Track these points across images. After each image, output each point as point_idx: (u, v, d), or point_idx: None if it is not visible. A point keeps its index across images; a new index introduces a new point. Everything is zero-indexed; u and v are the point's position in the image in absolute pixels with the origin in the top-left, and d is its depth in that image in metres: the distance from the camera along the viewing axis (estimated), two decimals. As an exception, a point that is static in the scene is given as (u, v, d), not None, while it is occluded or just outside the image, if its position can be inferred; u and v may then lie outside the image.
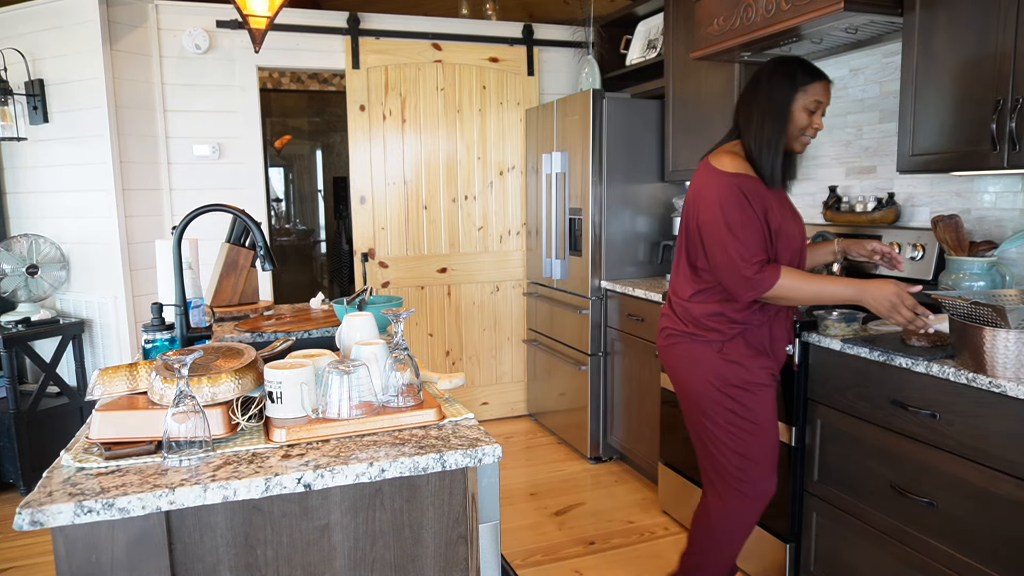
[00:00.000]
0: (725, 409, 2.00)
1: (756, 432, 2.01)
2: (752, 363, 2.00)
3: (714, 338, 2.00)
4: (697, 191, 1.99)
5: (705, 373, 2.01)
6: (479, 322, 4.40)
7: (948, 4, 2.05)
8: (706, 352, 2.01)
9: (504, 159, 4.33)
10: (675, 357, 2.08)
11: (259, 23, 3.03)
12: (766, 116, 1.94)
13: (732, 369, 1.99)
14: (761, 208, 1.90)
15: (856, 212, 2.76)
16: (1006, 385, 1.62)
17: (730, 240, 1.88)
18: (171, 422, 1.18)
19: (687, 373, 2.05)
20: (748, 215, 1.89)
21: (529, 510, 3.20)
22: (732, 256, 1.88)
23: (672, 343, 2.09)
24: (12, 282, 3.48)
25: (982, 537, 1.73)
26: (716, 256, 1.92)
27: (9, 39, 3.56)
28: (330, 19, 3.97)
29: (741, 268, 1.87)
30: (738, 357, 1.99)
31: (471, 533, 1.30)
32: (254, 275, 2.72)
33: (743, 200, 1.89)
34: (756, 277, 1.87)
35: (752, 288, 1.88)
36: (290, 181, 8.65)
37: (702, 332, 2.02)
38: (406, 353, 1.44)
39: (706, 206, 1.94)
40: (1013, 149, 1.88)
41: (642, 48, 3.85)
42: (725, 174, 1.92)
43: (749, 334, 2.01)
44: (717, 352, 2.00)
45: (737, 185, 1.90)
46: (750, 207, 1.89)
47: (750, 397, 2.00)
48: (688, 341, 2.04)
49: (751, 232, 1.88)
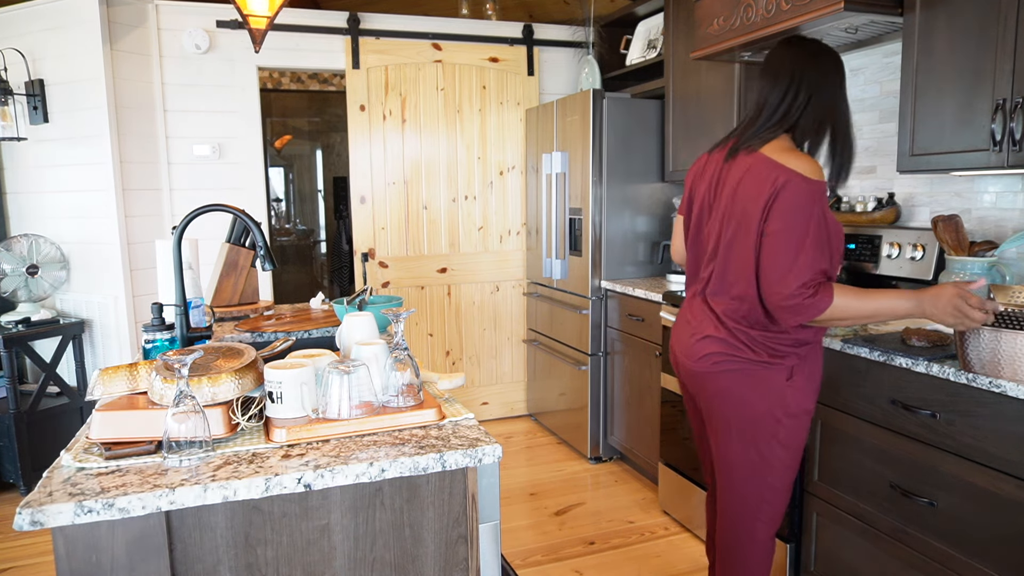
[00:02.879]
0: (777, 442, 1.82)
1: (793, 464, 1.87)
2: (811, 388, 1.84)
3: (788, 364, 1.78)
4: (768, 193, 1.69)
5: (770, 403, 1.79)
6: (479, 322, 4.40)
7: (948, 4, 2.05)
8: (776, 379, 1.79)
9: (504, 159, 4.33)
10: (732, 385, 1.82)
11: (259, 23, 3.03)
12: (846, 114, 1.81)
13: (796, 397, 1.80)
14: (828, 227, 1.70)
15: (856, 212, 2.76)
16: (1006, 385, 1.62)
17: (795, 257, 1.65)
18: (171, 422, 1.18)
19: (749, 403, 1.81)
20: (828, 231, 1.67)
21: (529, 510, 3.20)
22: (794, 274, 1.64)
23: (729, 368, 1.81)
24: (12, 282, 3.48)
25: (982, 537, 1.73)
26: (771, 272, 1.68)
27: (9, 39, 3.56)
28: (330, 19, 3.97)
29: (795, 291, 1.64)
30: (803, 383, 1.81)
31: (471, 533, 1.30)
32: (254, 275, 2.72)
33: (821, 216, 1.66)
34: (810, 301, 1.64)
35: (802, 313, 1.66)
36: (290, 181, 8.65)
37: (776, 359, 1.78)
38: (406, 353, 1.44)
39: (780, 215, 1.66)
40: (1013, 149, 1.88)
41: (642, 48, 3.85)
42: (810, 181, 1.67)
43: (813, 355, 1.83)
44: (786, 379, 1.79)
45: (822, 197, 1.68)
46: (827, 220, 1.68)
47: (800, 427, 1.84)
48: (756, 368, 1.79)
49: (824, 252, 1.67)
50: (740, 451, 1.86)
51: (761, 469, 1.85)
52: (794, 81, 1.78)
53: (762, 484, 1.87)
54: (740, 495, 1.90)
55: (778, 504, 1.90)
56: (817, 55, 1.80)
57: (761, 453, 1.84)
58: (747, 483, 1.88)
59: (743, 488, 1.89)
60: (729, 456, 1.89)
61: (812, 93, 1.77)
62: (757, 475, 1.86)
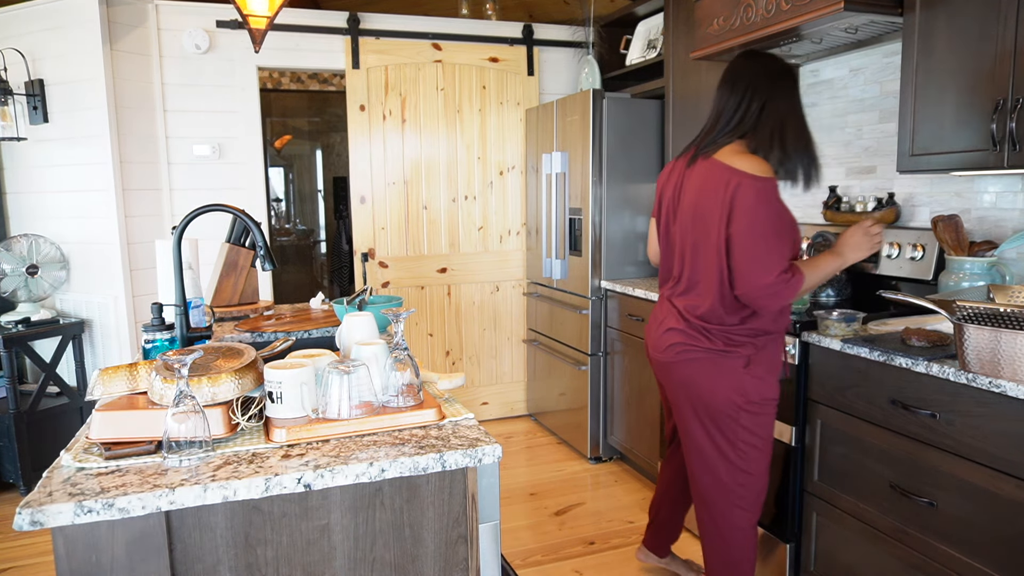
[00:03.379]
0: (741, 427, 1.96)
1: (763, 448, 2.01)
2: (771, 377, 1.98)
3: (744, 352, 1.93)
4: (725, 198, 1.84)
5: (728, 390, 1.94)
6: (479, 322, 4.40)
7: (948, 4, 2.05)
8: (733, 368, 1.93)
9: (504, 159, 4.33)
10: (693, 373, 1.98)
11: (259, 23, 3.03)
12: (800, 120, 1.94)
13: (755, 385, 1.95)
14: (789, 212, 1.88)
15: (856, 212, 2.76)
16: (1006, 385, 1.62)
17: (767, 250, 1.79)
18: (171, 422, 1.18)
19: (708, 390, 1.96)
20: (784, 222, 1.84)
21: (529, 510, 3.20)
22: (764, 268, 1.79)
23: (689, 359, 1.98)
24: (12, 282, 3.48)
25: (982, 537, 1.73)
26: (745, 268, 1.81)
27: (9, 39, 3.56)
28: (330, 19, 3.97)
29: (775, 279, 1.79)
30: (762, 372, 1.95)
31: (471, 533, 1.30)
32: (254, 275, 2.72)
33: (778, 208, 1.83)
34: (788, 286, 1.80)
35: (784, 297, 1.81)
36: (290, 181, 8.65)
37: (732, 347, 1.93)
38: (406, 353, 1.44)
39: (741, 216, 1.81)
40: (1013, 149, 1.88)
41: (642, 48, 3.85)
42: (759, 179, 1.81)
43: (772, 346, 1.98)
44: (743, 368, 1.93)
45: (773, 191, 1.83)
46: (786, 213, 1.85)
47: (764, 415, 1.98)
48: (714, 356, 1.94)
49: (786, 241, 1.83)
50: (706, 436, 2.01)
51: (729, 454, 1.99)
52: (748, 90, 1.92)
53: (733, 469, 2.00)
54: (714, 481, 2.03)
55: (753, 489, 2.02)
56: (770, 67, 1.95)
57: (727, 438, 1.98)
58: (718, 468, 2.01)
59: (715, 474, 2.02)
60: (697, 441, 2.03)
61: (765, 101, 1.91)
62: (726, 460, 1.99)
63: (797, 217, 3.15)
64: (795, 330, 2.25)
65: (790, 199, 3.21)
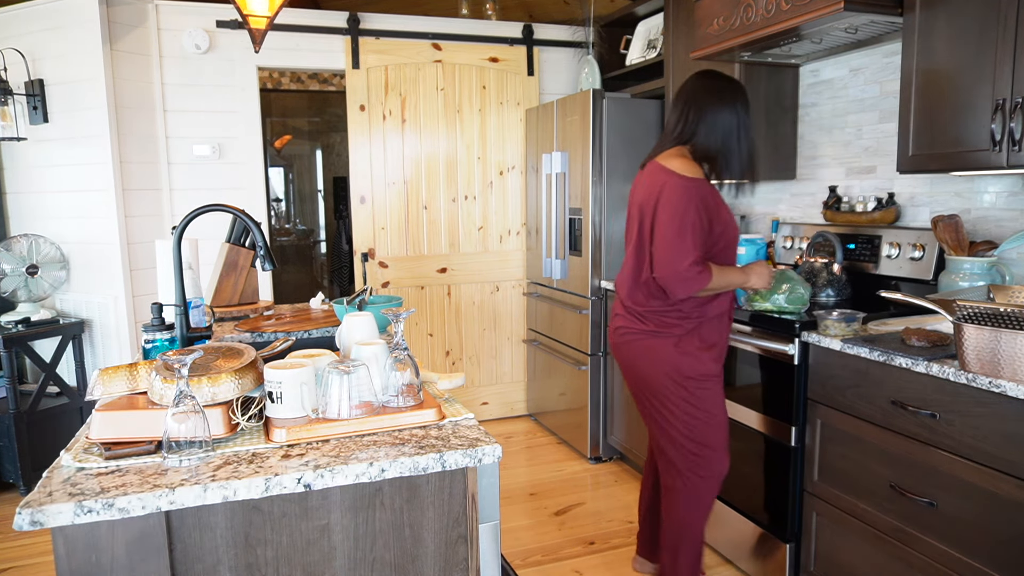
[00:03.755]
0: (682, 400, 2.16)
1: (709, 421, 2.18)
2: (704, 356, 2.16)
3: (673, 333, 2.15)
4: (655, 193, 2.09)
5: (664, 367, 2.16)
6: (479, 322, 4.40)
7: (948, 4, 2.05)
8: (664, 347, 2.16)
9: (504, 159, 4.33)
10: (633, 353, 2.22)
11: (259, 23, 3.03)
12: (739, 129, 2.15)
13: (688, 362, 2.14)
14: (708, 213, 2.07)
15: (856, 212, 2.76)
16: (1006, 385, 1.62)
17: (679, 241, 2.02)
18: (171, 422, 1.18)
19: (646, 367, 2.19)
20: (700, 219, 2.04)
21: (529, 510, 3.20)
22: (680, 256, 2.01)
23: (629, 340, 2.23)
24: (12, 282, 3.48)
25: (982, 537, 1.73)
26: (662, 254, 2.05)
27: (9, 39, 3.56)
28: (330, 19, 3.97)
29: (684, 269, 2.01)
30: (693, 350, 2.15)
31: (471, 533, 1.30)
32: (254, 275, 2.72)
33: (698, 204, 2.04)
34: (696, 277, 2.03)
35: (689, 286, 2.03)
36: (290, 181, 8.65)
37: (663, 328, 2.16)
38: (406, 353, 1.44)
39: (664, 207, 2.05)
40: (1013, 149, 1.88)
41: (642, 48, 3.85)
42: (684, 178, 2.06)
43: (703, 328, 2.17)
44: (674, 347, 2.15)
45: (696, 189, 2.05)
46: (704, 211, 2.05)
47: (703, 389, 2.17)
48: (646, 337, 2.18)
49: (698, 235, 2.03)
50: (654, 411, 2.23)
51: (677, 426, 2.18)
52: (688, 104, 2.16)
53: (683, 439, 2.19)
54: (670, 447, 2.23)
55: (705, 459, 2.19)
56: (711, 83, 2.16)
57: (672, 412, 2.18)
58: (670, 439, 2.21)
59: (670, 443, 2.22)
60: (648, 413, 2.26)
61: (704, 112, 2.13)
62: (675, 431, 2.19)
63: (797, 217, 3.16)
64: (795, 330, 2.26)
65: (790, 199, 3.21)
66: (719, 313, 2.19)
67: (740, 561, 2.62)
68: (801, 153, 3.14)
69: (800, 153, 3.14)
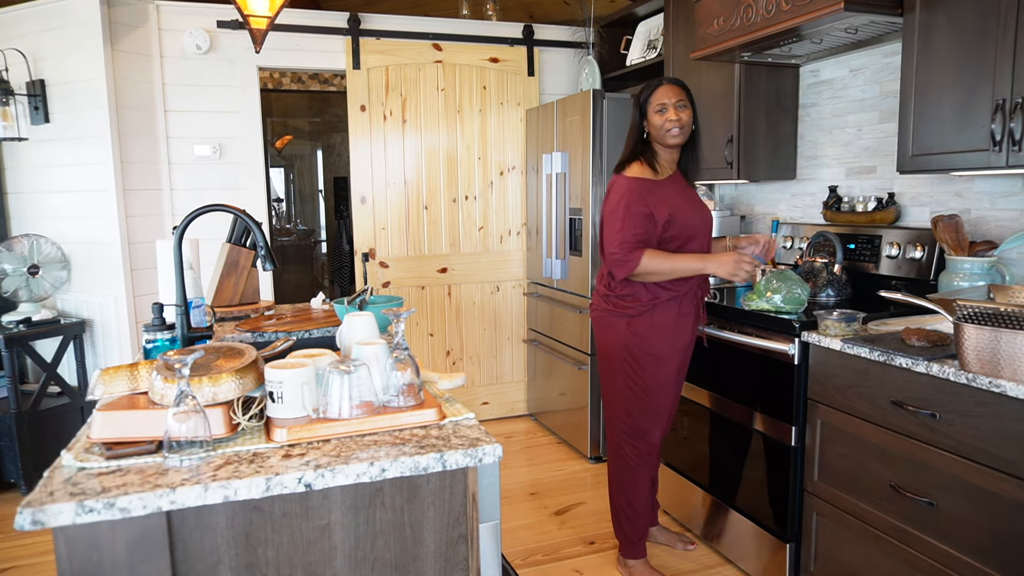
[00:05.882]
0: (624, 375, 2.43)
1: (645, 399, 2.43)
2: (654, 336, 2.38)
3: (627, 313, 2.38)
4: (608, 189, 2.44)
5: (616, 343, 2.42)
6: (479, 322, 4.40)
7: (948, 4, 2.05)
8: (617, 324, 2.41)
9: (504, 159, 4.33)
10: (597, 328, 2.52)
11: (260, 23, 3.03)
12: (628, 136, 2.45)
13: (636, 342, 2.38)
14: (647, 203, 2.30)
15: (856, 212, 2.76)
16: (1006, 385, 1.63)
17: (616, 230, 2.30)
18: (172, 422, 1.18)
19: (603, 341, 2.48)
20: (634, 210, 2.28)
21: (529, 510, 3.20)
22: (615, 241, 2.30)
23: (595, 316, 2.52)
24: (13, 282, 3.48)
25: (982, 537, 1.73)
26: (604, 241, 2.37)
27: (10, 39, 3.56)
28: (330, 19, 3.97)
29: (617, 251, 2.29)
30: (643, 332, 2.38)
31: (471, 533, 1.30)
32: (255, 275, 2.72)
33: (631, 197, 2.29)
34: (626, 258, 2.28)
35: (622, 267, 2.29)
36: (291, 181, 8.66)
37: (618, 308, 2.40)
38: (406, 353, 1.44)
39: (605, 203, 2.40)
40: (1013, 149, 1.88)
41: (642, 48, 3.85)
42: (623, 177, 2.36)
43: (657, 311, 2.38)
44: (626, 325, 2.39)
45: (628, 185, 2.32)
46: (639, 203, 2.29)
47: (644, 368, 2.40)
48: (606, 315, 2.44)
49: (632, 223, 2.28)
50: (608, 379, 2.50)
51: (622, 394, 2.45)
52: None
53: (622, 411, 2.47)
54: (611, 413, 2.52)
55: (640, 433, 2.47)
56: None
57: (616, 382, 2.45)
58: (613, 404, 2.49)
59: (612, 408, 2.51)
60: (603, 381, 2.53)
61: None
62: (618, 398, 2.46)
63: (797, 217, 3.16)
64: (795, 330, 2.26)
65: (790, 199, 3.21)
66: (672, 297, 2.37)
67: (740, 561, 2.62)
68: (801, 153, 3.14)
69: (800, 153, 3.15)
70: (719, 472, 2.69)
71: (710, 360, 2.68)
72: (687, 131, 2.36)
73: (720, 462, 2.68)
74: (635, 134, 2.41)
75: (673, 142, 2.35)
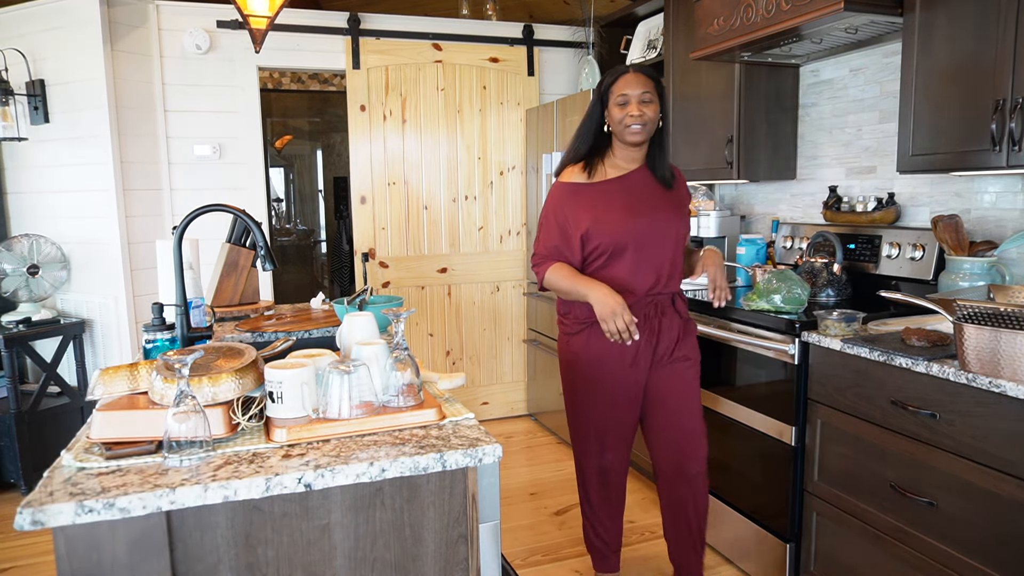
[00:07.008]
0: (565, 388, 2.35)
1: (575, 413, 2.33)
2: (588, 355, 2.22)
3: (567, 330, 2.29)
4: None
5: (560, 357, 2.35)
6: (479, 322, 4.40)
7: (948, 4, 2.05)
8: (561, 340, 2.34)
9: (504, 159, 4.33)
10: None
11: (260, 23, 3.03)
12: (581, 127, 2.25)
13: (568, 357, 2.29)
14: (563, 212, 2.15)
15: (856, 212, 2.76)
16: (1006, 385, 1.63)
17: (537, 239, 2.25)
18: (172, 422, 1.18)
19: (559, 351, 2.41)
20: (551, 220, 2.19)
21: (529, 510, 3.20)
22: (536, 247, 2.25)
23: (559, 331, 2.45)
24: (13, 282, 3.48)
25: (982, 537, 1.73)
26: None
27: (10, 39, 3.56)
28: (330, 19, 3.97)
29: (533, 262, 2.25)
30: (577, 349, 2.25)
31: (471, 533, 1.30)
32: (255, 275, 2.72)
33: (554, 204, 2.19)
34: (536, 270, 2.23)
35: (538, 277, 2.23)
36: (291, 181, 8.66)
37: (564, 322, 2.31)
38: (406, 353, 1.44)
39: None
40: (1013, 149, 1.88)
41: (642, 48, 3.85)
42: (556, 182, 2.24)
43: (585, 334, 2.22)
44: (565, 344, 2.30)
45: (555, 192, 2.21)
46: (558, 212, 2.17)
47: (576, 385, 2.29)
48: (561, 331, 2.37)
49: (547, 233, 2.20)
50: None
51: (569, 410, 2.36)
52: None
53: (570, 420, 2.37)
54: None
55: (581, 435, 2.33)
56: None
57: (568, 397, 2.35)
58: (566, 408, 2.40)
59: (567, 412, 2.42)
60: None
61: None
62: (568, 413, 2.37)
63: (797, 217, 3.16)
64: (795, 330, 2.26)
65: (790, 199, 3.21)
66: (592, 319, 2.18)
67: (740, 561, 2.62)
68: (801, 153, 3.14)
69: (800, 153, 3.15)
70: (719, 472, 2.69)
71: (710, 360, 2.68)
72: (651, 128, 2.10)
73: (720, 462, 2.68)
74: (590, 126, 2.18)
75: (632, 140, 2.09)
